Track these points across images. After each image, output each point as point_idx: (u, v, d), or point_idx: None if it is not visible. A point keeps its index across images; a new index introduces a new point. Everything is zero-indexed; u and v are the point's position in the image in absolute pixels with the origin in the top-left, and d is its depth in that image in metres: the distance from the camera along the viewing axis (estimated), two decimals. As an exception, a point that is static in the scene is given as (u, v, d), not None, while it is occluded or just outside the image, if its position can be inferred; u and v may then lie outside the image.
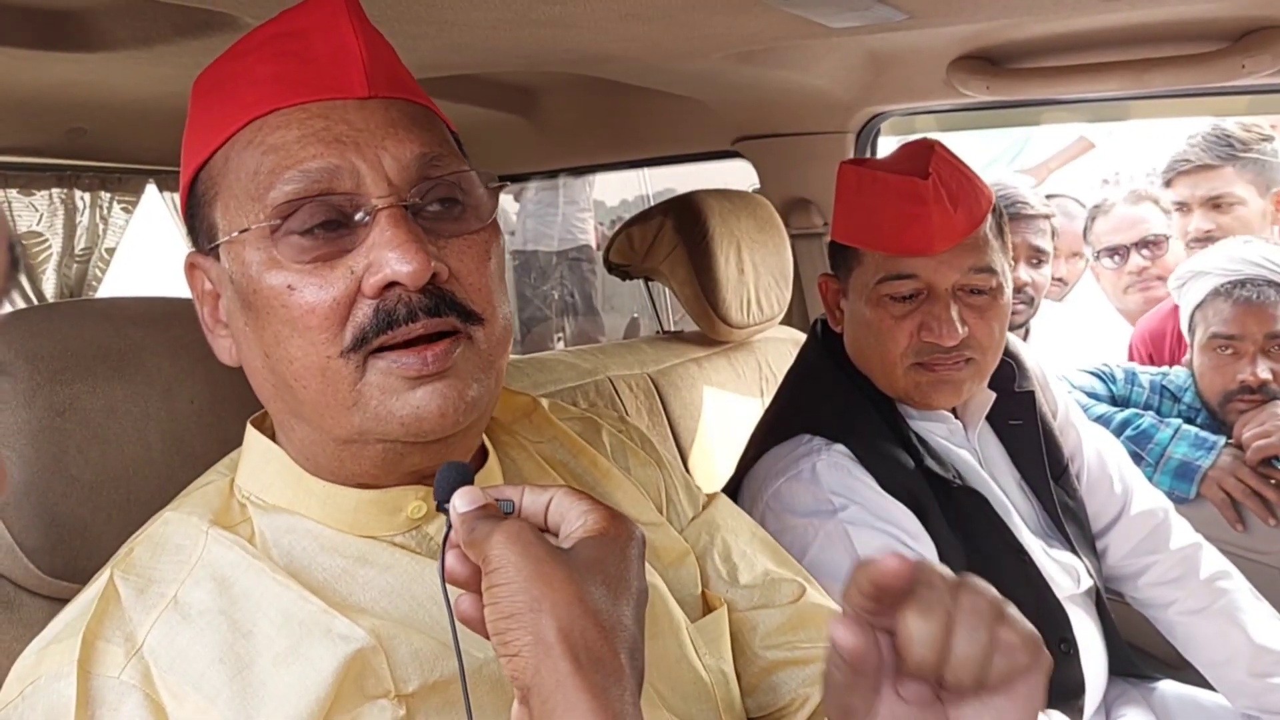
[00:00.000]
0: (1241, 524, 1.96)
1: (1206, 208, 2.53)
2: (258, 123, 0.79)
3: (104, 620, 0.75)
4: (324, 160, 0.76)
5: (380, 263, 0.75)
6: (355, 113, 0.78)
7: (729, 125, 2.41)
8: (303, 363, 0.77)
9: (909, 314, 1.45)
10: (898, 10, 1.52)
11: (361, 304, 0.76)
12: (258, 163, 0.78)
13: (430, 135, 0.81)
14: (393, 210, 0.76)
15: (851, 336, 1.55)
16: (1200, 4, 1.61)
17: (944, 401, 1.50)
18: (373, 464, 0.82)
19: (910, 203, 1.42)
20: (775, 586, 1.02)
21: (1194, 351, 2.15)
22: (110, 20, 1.50)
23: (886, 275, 1.45)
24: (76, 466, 0.92)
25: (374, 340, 0.76)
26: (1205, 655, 1.63)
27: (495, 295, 0.82)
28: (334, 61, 0.79)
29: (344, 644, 0.76)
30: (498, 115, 2.42)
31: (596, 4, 1.43)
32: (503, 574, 0.66)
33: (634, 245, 2.13)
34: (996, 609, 0.66)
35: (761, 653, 0.99)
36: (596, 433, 1.05)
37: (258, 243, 0.77)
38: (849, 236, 1.51)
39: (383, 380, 0.77)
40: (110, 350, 0.97)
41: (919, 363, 1.46)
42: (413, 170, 0.78)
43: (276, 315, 0.77)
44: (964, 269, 1.43)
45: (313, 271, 0.76)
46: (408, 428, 0.78)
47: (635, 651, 0.67)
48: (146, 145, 2.35)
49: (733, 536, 1.05)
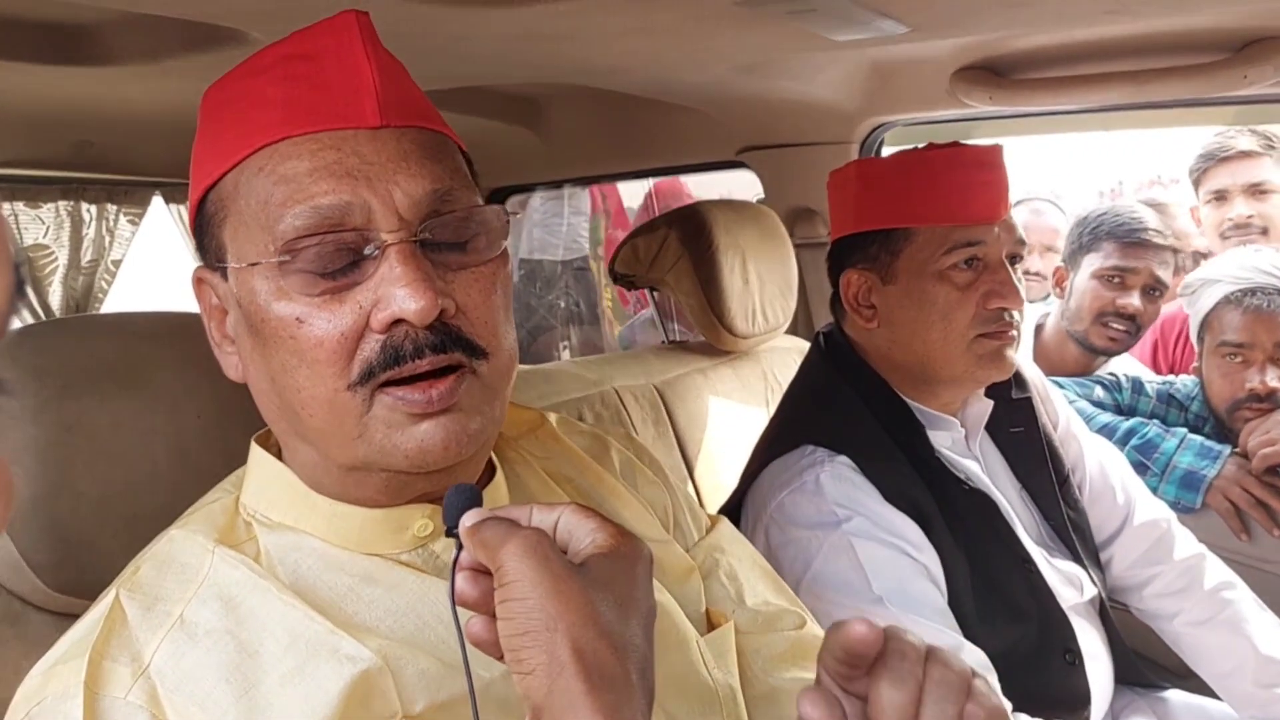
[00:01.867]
0: (1246, 533, 1.95)
1: (1248, 194, 2.53)
2: (269, 150, 0.78)
3: (110, 640, 0.75)
4: (335, 196, 0.76)
5: (388, 299, 0.75)
6: (367, 144, 0.78)
7: (733, 136, 2.42)
8: (310, 392, 0.78)
9: (972, 284, 1.46)
10: (900, 23, 1.53)
11: (369, 339, 0.77)
12: (268, 192, 0.77)
13: (442, 168, 0.80)
14: (402, 246, 0.76)
15: (898, 324, 1.51)
16: (1202, 15, 1.61)
17: (1002, 371, 1.50)
18: (376, 490, 0.82)
19: (982, 170, 1.46)
20: (777, 615, 1.03)
21: (1203, 359, 2.15)
22: (118, 35, 1.51)
23: (954, 245, 1.45)
24: (83, 482, 0.92)
25: (380, 375, 0.76)
26: (1211, 666, 1.63)
27: (500, 327, 0.82)
28: (346, 89, 0.79)
29: (350, 664, 0.76)
30: (504, 126, 2.42)
31: (602, 18, 1.44)
32: (518, 588, 0.66)
33: (639, 256, 2.14)
34: (964, 682, 0.68)
35: (763, 678, 0.98)
36: (605, 450, 1.05)
37: (267, 273, 0.78)
38: (900, 218, 1.49)
39: (388, 415, 0.77)
40: (117, 365, 0.97)
41: (984, 333, 1.46)
42: (424, 205, 0.78)
43: (284, 345, 0.78)
44: (1013, 238, 1.48)
45: (322, 305, 0.77)
46: (411, 460, 0.78)
47: (646, 670, 0.67)
48: (153, 158, 2.36)
49: (736, 561, 1.05)
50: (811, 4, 1.40)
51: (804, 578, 1.37)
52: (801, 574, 1.37)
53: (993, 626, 1.40)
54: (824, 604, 1.34)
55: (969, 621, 1.37)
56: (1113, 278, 2.29)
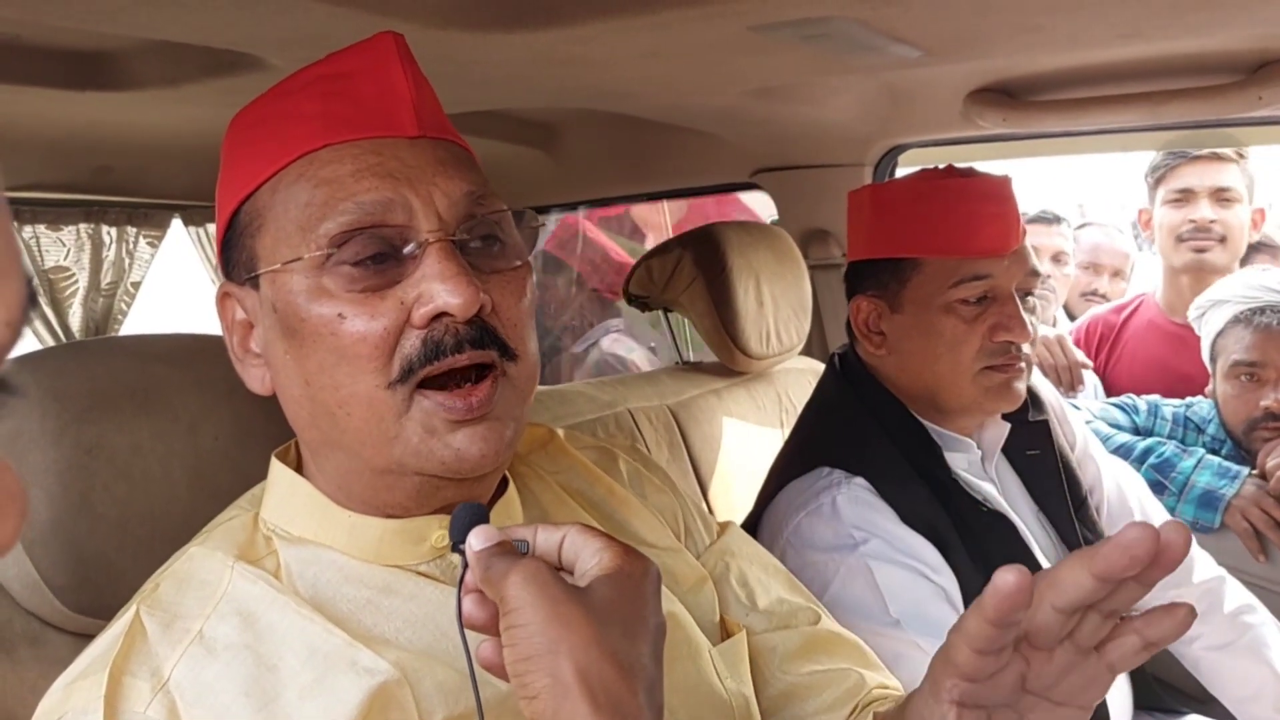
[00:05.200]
0: (1264, 555, 1.93)
1: (1213, 199, 2.47)
2: (308, 157, 0.80)
3: (130, 655, 0.76)
4: (378, 193, 0.78)
5: (430, 294, 0.77)
6: (406, 150, 0.81)
7: (747, 158, 2.43)
8: (349, 389, 0.79)
9: (979, 316, 1.45)
10: (914, 47, 1.54)
11: (409, 334, 0.78)
12: (310, 195, 0.79)
13: (475, 175, 0.83)
14: (443, 244, 0.78)
15: (905, 353, 1.52)
16: (1216, 37, 1.61)
17: (1010, 403, 1.50)
18: (406, 495, 0.83)
19: (990, 202, 1.45)
20: (792, 613, 1.03)
21: (1216, 380, 2.14)
22: (139, 61, 1.53)
23: (961, 279, 1.45)
24: (103, 504, 0.93)
25: (420, 371, 0.78)
26: (1231, 691, 1.61)
27: (527, 332, 0.84)
28: (384, 102, 0.82)
29: (369, 677, 0.76)
30: (519, 149, 2.44)
31: (617, 43, 1.45)
32: (520, 615, 0.66)
33: (653, 277, 2.15)
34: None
35: (779, 675, 0.99)
36: (613, 462, 1.06)
37: (307, 272, 0.79)
38: (907, 248, 1.49)
39: (426, 419, 0.78)
40: (136, 388, 0.98)
41: (990, 366, 1.46)
42: (461, 207, 0.80)
43: (324, 343, 0.79)
44: (1025, 271, 1.47)
45: (363, 301, 0.78)
46: (447, 467, 0.79)
47: (653, 690, 0.67)
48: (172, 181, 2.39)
49: (748, 564, 1.06)
50: (825, 29, 1.41)
51: (821, 601, 1.35)
52: (818, 597, 1.36)
53: (1010, 650, 1.39)
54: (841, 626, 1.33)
55: (986, 645, 1.36)
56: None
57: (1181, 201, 2.51)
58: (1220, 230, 2.45)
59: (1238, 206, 2.48)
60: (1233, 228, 2.46)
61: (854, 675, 1.00)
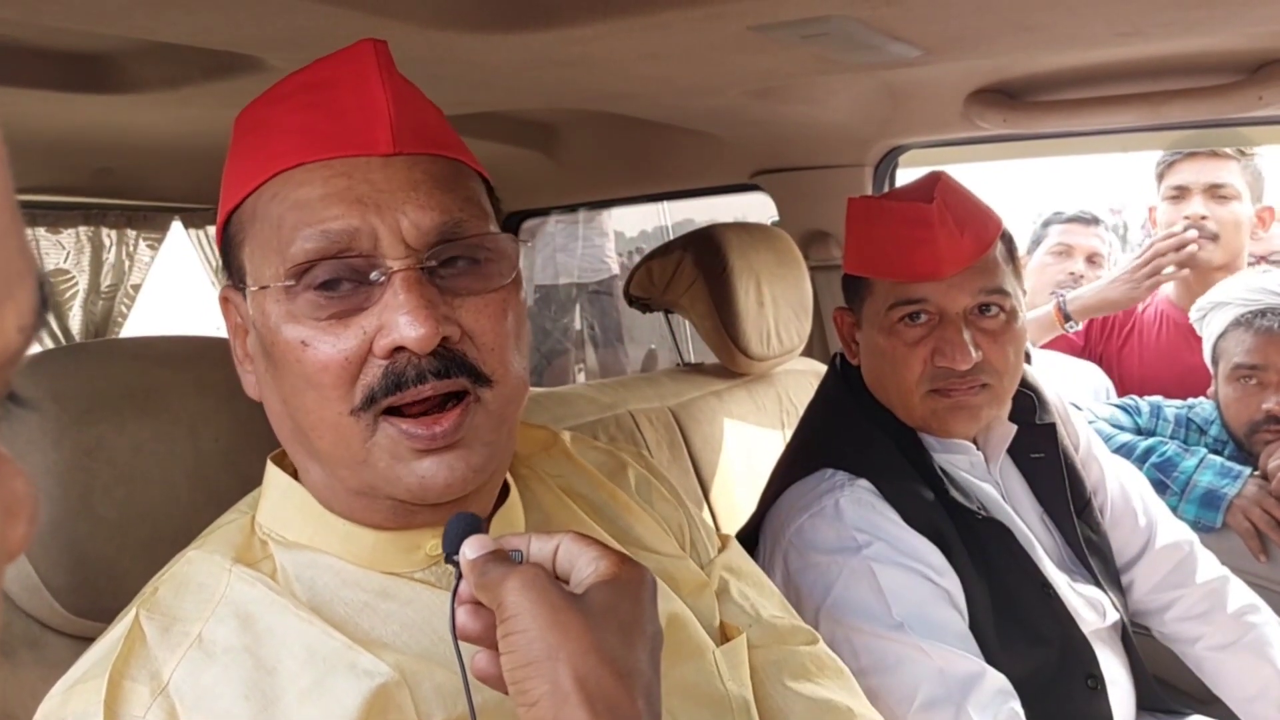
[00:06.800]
0: (1265, 555, 1.93)
1: (1207, 195, 2.46)
2: (284, 176, 0.80)
3: (129, 660, 0.75)
4: (344, 221, 0.77)
5: (390, 326, 0.76)
6: (379, 172, 0.79)
7: (747, 159, 2.42)
8: (317, 415, 0.79)
9: (921, 340, 1.45)
10: (913, 46, 1.54)
11: (372, 364, 0.78)
12: (280, 216, 0.79)
13: (453, 198, 0.81)
14: (407, 274, 0.77)
15: (868, 367, 1.55)
16: (1215, 37, 1.61)
17: (962, 428, 1.49)
18: (383, 515, 0.83)
19: (916, 228, 1.43)
20: (790, 631, 1.03)
21: (1218, 383, 2.13)
22: (138, 63, 1.53)
23: (897, 301, 1.45)
24: (103, 506, 0.93)
25: (382, 400, 0.77)
26: (1235, 691, 1.61)
27: (509, 353, 0.82)
28: (361, 116, 0.80)
29: (368, 679, 0.76)
30: (518, 151, 2.44)
31: (616, 44, 1.45)
32: (518, 621, 0.66)
33: (654, 278, 2.14)
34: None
35: (777, 693, 0.99)
36: (621, 468, 1.06)
37: (277, 296, 0.79)
38: (859, 267, 1.52)
39: (391, 446, 0.78)
40: (137, 390, 0.98)
41: (934, 389, 1.45)
42: (431, 236, 0.79)
43: (292, 369, 0.79)
44: (974, 292, 1.43)
45: (328, 329, 0.78)
46: (413, 494, 0.79)
47: (651, 696, 0.67)
48: (172, 184, 2.39)
49: (748, 580, 1.06)
50: (824, 28, 1.41)
51: (824, 603, 1.36)
52: (821, 599, 1.36)
53: (1014, 651, 1.38)
54: (843, 629, 1.33)
55: (990, 646, 1.36)
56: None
57: (1178, 198, 2.50)
58: (1213, 227, 2.43)
59: (1234, 203, 2.46)
60: (1227, 224, 2.44)
61: (844, 711, 0.99)
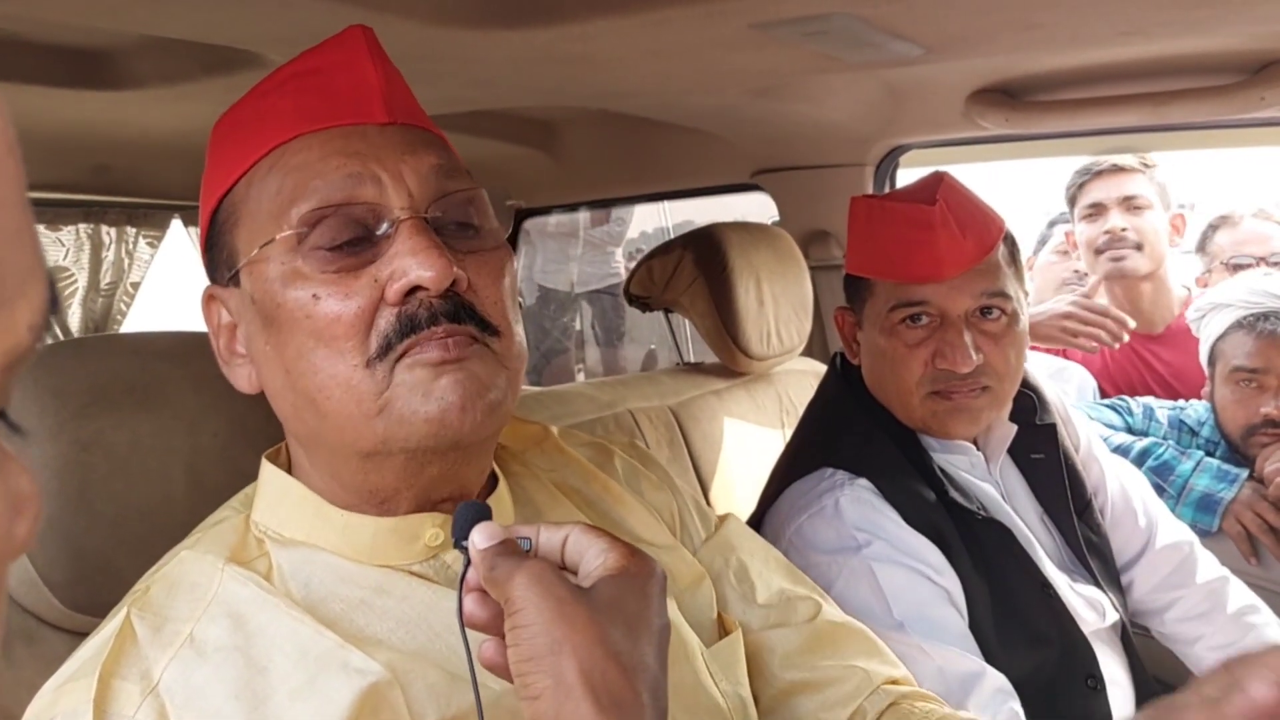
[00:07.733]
0: (1255, 558, 1.93)
1: (1123, 208, 2.52)
2: (280, 149, 0.81)
3: (120, 659, 0.75)
4: (346, 169, 0.79)
5: (403, 269, 0.77)
6: (375, 135, 0.82)
7: (748, 158, 2.42)
8: (328, 373, 0.78)
9: (922, 342, 1.44)
10: (914, 45, 1.53)
11: (384, 312, 0.78)
12: (280, 183, 0.80)
13: (444, 152, 0.84)
14: (414, 221, 0.79)
15: (868, 368, 1.55)
16: (1218, 37, 1.61)
17: (962, 430, 1.49)
18: (395, 475, 0.82)
19: (918, 229, 1.43)
20: (792, 605, 1.02)
21: (1214, 384, 2.13)
22: (137, 59, 1.53)
23: (898, 303, 1.45)
24: (100, 501, 0.93)
25: (398, 345, 0.77)
26: (1234, 692, 1.60)
27: (510, 312, 0.84)
28: (354, 93, 0.82)
29: (360, 678, 0.76)
30: (518, 149, 2.44)
31: (617, 41, 1.45)
32: (525, 615, 0.66)
33: (654, 278, 2.14)
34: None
35: (780, 674, 0.99)
36: (608, 458, 1.06)
37: (281, 256, 0.79)
38: (861, 268, 1.52)
39: (408, 376, 0.77)
40: (135, 385, 0.98)
41: (935, 391, 1.45)
42: (431, 182, 0.81)
43: (300, 327, 0.78)
44: (976, 294, 1.43)
45: (337, 281, 0.78)
46: (431, 424, 0.78)
47: (657, 691, 0.67)
48: (172, 181, 2.38)
49: (748, 556, 1.05)
50: (825, 26, 1.41)
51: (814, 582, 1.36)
52: (820, 598, 1.36)
53: (1014, 652, 1.38)
54: (842, 628, 1.33)
55: (990, 647, 1.36)
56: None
57: (1094, 215, 2.57)
58: (1134, 237, 2.50)
59: (1148, 213, 2.53)
60: (1147, 233, 2.51)
61: (859, 673, 0.99)
